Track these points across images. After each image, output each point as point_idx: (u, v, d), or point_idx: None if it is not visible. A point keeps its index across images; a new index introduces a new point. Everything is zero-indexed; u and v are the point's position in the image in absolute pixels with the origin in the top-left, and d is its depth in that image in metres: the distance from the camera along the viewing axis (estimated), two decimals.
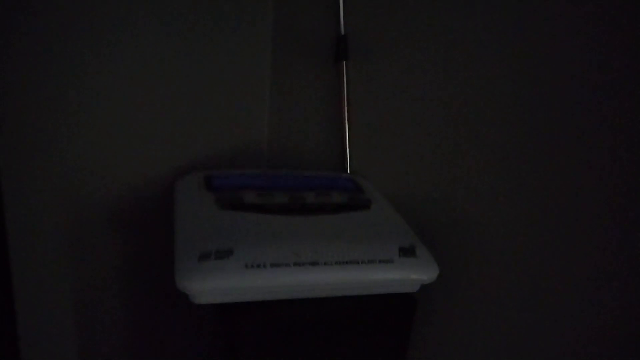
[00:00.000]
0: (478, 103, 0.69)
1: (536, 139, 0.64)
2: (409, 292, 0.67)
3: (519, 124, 0.65)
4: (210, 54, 0.86)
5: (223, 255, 0.58)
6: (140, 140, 0.83)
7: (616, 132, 0.57)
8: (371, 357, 0.68)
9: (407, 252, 0.64)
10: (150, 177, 0.85)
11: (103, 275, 0.85)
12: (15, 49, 0.70)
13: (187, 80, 0.85)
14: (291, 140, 0.95)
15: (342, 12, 0.82)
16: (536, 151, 0.64)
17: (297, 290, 0.61)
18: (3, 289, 0.69)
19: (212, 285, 0.56)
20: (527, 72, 0.63)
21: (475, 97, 0.70)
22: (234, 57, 0.89)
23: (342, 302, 0.64)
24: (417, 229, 0.71)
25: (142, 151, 0.84)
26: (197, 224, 0.65)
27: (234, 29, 0.87)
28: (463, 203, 0.73)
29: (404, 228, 0.70)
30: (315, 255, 0.60)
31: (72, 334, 0.85)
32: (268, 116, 0.95)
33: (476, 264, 0.73)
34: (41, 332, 0.81)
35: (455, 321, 0.76)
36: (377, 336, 0.67)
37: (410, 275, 0.63)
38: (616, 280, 0.60)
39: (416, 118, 0.78)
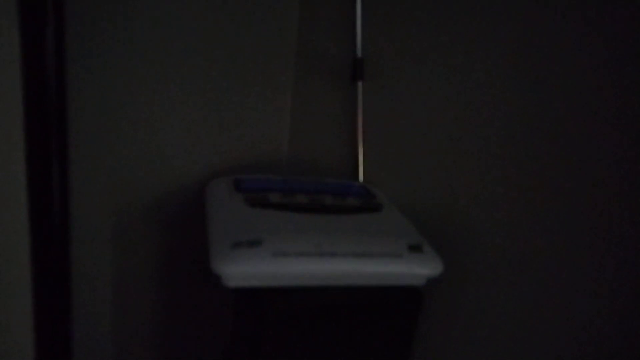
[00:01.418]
0: (482, 123, 0.77)
1: (541, 154, 0.71)
2: (416, 285, 0.74)
3: (524, 142, 0.72)
4: (238, 71, 0.95)
5: (254, 244, 0.66)
6: (172, 148, 0.92)
7: (617, 135, 0.63)
8: (381, 344, 0.75)
9: (415, 248, 0.72)
10: (182, 182, 0.94)
11: (141, 265, 0.94)
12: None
13: (217, 97, 0.94)
14: (309, 152, 1.04)
15: (359, 37, 0.91)
16: (540, 164, 0.71)
17: (318, 278, 0.68)
18: (63, 277, 0.77)
19: (243, 270, 0.64)
20: (535, 90, 0.71)
21: (479, 117, 0.78)
22: (259, 75, 0.98)
23: (356, 292, 0.72)
24: (424, 231, 0.78)
25: (173, 158, 0.93)
26: (229, 219, 0.73)
27: (260, 49, 0.97)
28: (466, 211, 0.81)
29: (411, 229, 0.78)
30: (335, 247, 0.68)
31: (110, 318, 0.94)
32: (289, 129, 1.04)
33: (478, 265, 0.80)
34: (87, 314, 0.89)
35: (458, 315, 0.83)
36: (387, 325, 0.74)
37: (417, 269, 0.71)
38: (617, 277, 0.66)
39: (423, 134, 0.86)
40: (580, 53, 0.66)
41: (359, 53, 0.91)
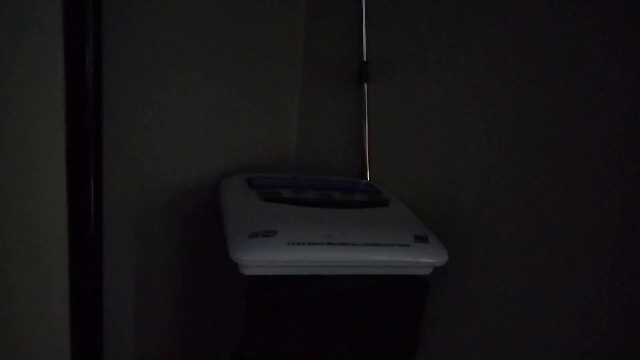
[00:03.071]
0: (484, 122, 0.81)
1: (541, 152, 0.74)
2: (422, 274, 0.77)
3: (524, 140, 0.76)
4: (249, 77, 1.00)
5: (269, 234, 0.70)
6: (190, 148, 0.97)
7: (616, 134, 0.67)
8: (389, 331, 0.78)
9: (421, 239, 0.76)
10: (199, 181, 0.98)
11: (160, 258, 0.98)
12: None
13: (231, 99, 0.99)
14: (317, 152, 1.08)
15: (365, 41, 0.95)
16: (539, 162, 0.75)
17: (329, 266, 0.72)
18: (96, 269, 0.82)
19: (260, 257, 0.68)
20: (536, 90, 0.74)
21: (481, 117, 0.81)
22: (269, 79, 1.03)
23: (366, 280, 0.75)
24: (429, 225, 0.81)
25: (191, 157, 0.97)
26: (244, 212, 0.77)
27: (269, 54, 1.01)
28: (469, 206, 0.84)
29: (417, 222, 0.82)
30: (345, 237, 0.72)
31: (134, 307, 0.99)
32: (297, 130, 1.08)
33: (480, 257, 0.83)
34: (115, 301, 0.94)
35: (463, 305, 0.86)
36: (395, 312, 0.78)
37: (423, 258, 0.74)
38: (616, 270, 0.70)
39: (427, 134, 0.90)
40: (583, 54, 0.69)
41: (365, 57, 0.96)
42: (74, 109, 0.75)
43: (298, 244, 0.69)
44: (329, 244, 0.70)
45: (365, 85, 0.96)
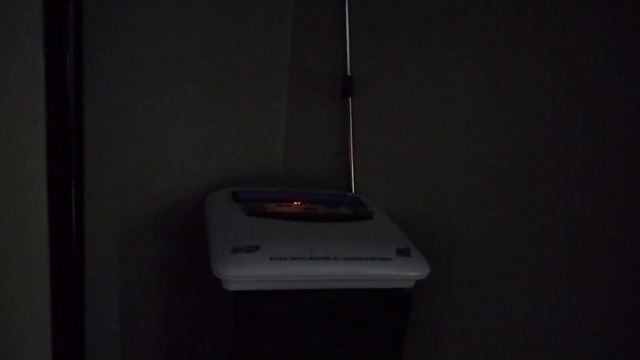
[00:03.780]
0: (466, 135, 0.82)
1: (522, 164, 0.75)
2: (405, 287, 0.78)
3: (506, 152, 0.77)
4: (234, 89, 1.01)
5: (251, 249, 0.70)
6: (174, 162, 0.98)
7: (603, 143, 0.67)
8: (372, 345, 0.79)
9: (403, 252, 0.77)
10: (182, 193, 0.99)
11: (145, 272, 0.99)
12: None
13: (217, 113, 1.00)
14: (304, 165, 1.09)
15: (349, 56, 0.97)
16: (521, 174, 0.75)
17: (311, 281, 0.72)
18: (77, 280, 0.82)
19: (242, 273, 0.68)
20: (516, 106, 0.75)
21: (464, 130, 0.82)
22: (255, 93, 1.04)
23: (348, 294, 0.76)
24: (414, 238, 0.82)
25: (176, 171, 0.98)
26: (228, 227, 0.77)
27: (255, 69, 1.03)
28: (453, 217, 0.85)
29: (400, 235, 0.82)
30: (327, 252, 0.72)
31: (118, 322, 0.99)
32: (283, 143, 1.09)
33: (465, 269, 0.84)
34: (96, 317, 0.94)
35: (446, 317, 0.87)
36: (378, 326, 0.78)
37: (405, 271, 0.75)
38: (600, 282, 0.71)
39: (411, 147, 0.91)
40: (573, 65, 0.69)
41: (349, 71, 0.97)
42: (55, 121, 0.75)
43: (280, 259, 0.70)
44: (311, 258, 0.71)
45: (350, 99, 0.98)
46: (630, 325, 0.66)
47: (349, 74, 0.97)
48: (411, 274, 0.75)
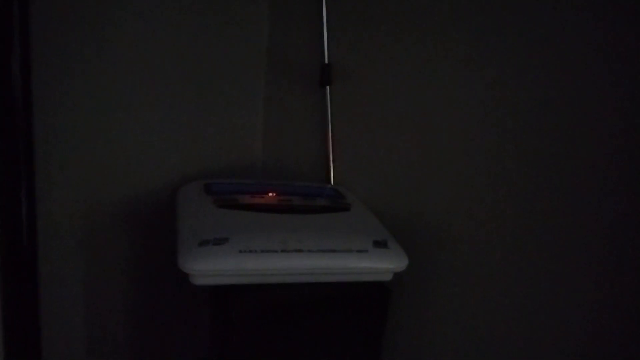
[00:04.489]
0: (448, 124, 0.80)
1: (506, 153, 0.73)
2: (383, 280, 0.75)
3: (490, 142, 0.75)
4: (210, 78, 0.98)
5: (220, 242, 0.67)
6: (145, 153, 0.94)
7: (587, 142, 0.65)
8: (351, 340, 0.76)
9: (380, 244, 0.74)
10: (154, 186, 0.96)
11: (112, 268, 0.95)
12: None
13: (189, 100, 0.96)
14: (283, 156, 1.06)
15: (327, 43, 0.94)
16: (505, 164, 0.73)
17: (284, 274, 0.69)
18: (30, 279, 0.78)
19: (210, 267, 0.65)
20: (502, 92, 0.73)
21: (446, 119, 0.80)
22: (231, 80, 1.00)
23: (324, 288, 0.73)
24: (394, 230, 0.80)
25: (147, 163, 0.95)
26: (197, 219, 0.74)
27: (231, 56, 0.99)
28: (435, 210, 0.83)
29: (378, 226, 0.80)
30: (300, 244, 0.69)
31: (82, 318, 0.95)
32: (262, 134, 1.06)
33: (446, 261, 0.82)
34: (57, 315, 0.90)
35: (427, 311, 0.85)
36: (356, 321, 0.76)
37: (382, 264, 0.72)
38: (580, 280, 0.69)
39: (391, 137, 0.88)
40: (566, 57, 0.67)
41: (327, 59, 0.94)
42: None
43: (250, 251, 0.67)
44: (283, 251, 0.68)
45: (328, 88, 0.95)
46: (618, 308, 0.64)
47: (327, 62, 0.94)
48: (388, 266, 0.73)
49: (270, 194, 0.84)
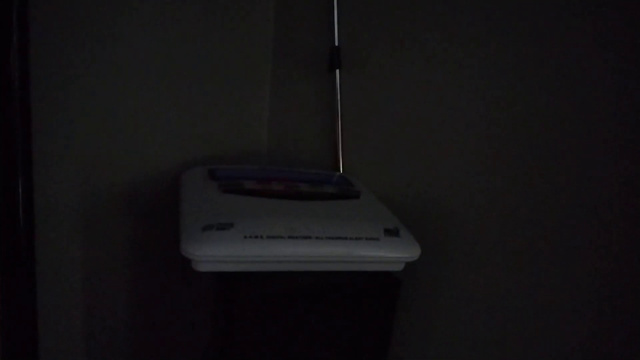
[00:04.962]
0: (460, 112, 0.77)
1: (517, 143, 0.70)
2: (394, 270, 0.72)
3: (501, 131, 0.72)
4: (216, 62, 0.95)
5: (224, 227, 0.64)
6: (149, 139, 0.91)
7: (604, 136, 0.62)
8: (360, 330, 0.73)
9: (391, 232, 0.70)
10: (157, 172, 0.93)
11: (113, 254, 0.92)
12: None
13: (194, 86, 0.93)
14: (288, 142, 1.03)
15: (336, 25, 0.90)
16: (516, 153, 0.70)
17: (291, 261, 0.66)
18: (28, 265, 0.75)
19: (213, 252, 0.62)
20: (514, 80, 0.70)
21: (458, 106, 0.77)
22: (238, 64, 0.97)
23: (332, 278, 0.70)
24: (404, 219, 0.77)
25: (151, 149, 0.92)
26: (201, 204, 0.71)
27: (237, 40, 0.96)
28: (446, 199, 0.80)
29: (389, 215, 0.76)
30: (308, 230, 0.66)
31: (83, 307, 0.92)
32: (267, 119, 1.03)
33: (457, 252, 0.79)
34: (56, 302, 0.87)
35: (437, 302, 0.82)
36: (364, 312, 0.72)
37: (393, 252, 0.69)
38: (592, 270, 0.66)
39: (402, 123, 0.85)
40: (578, 53, 0.65)
41: (337, 41, 0.91)
42: None
43: (256, 237, 0.64)
44: (290, 237, 0.65)
45: (337, 71, 0.91)
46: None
47: (336, 44, 0.90)
48: (400, 255, 0.70)
49: (276, 180, 0.80)
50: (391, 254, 0.69)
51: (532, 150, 0.68)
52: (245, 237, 0.63)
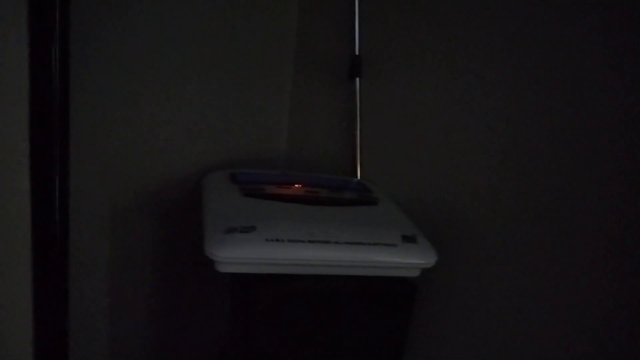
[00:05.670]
0: (478, 119, 0.78)
1: (536, 150, 0.71)
2: (410, 276, 0.73)
3: (519, 138, 0.73)
4: (238, 68, 0.97)
5: (247, 230, 0.66)
6: (171, 143, 0.94)
7: (616, 133, 0.64)
8: (375, 335, 0.74)
9: (409, 239, 0.72)
10: (178, 176, 0.95)
11: (139, 255, 0.95)
12: None
13: (217, 92, 0.96)
14: (307, 148, 1.04)
15: (357, 35, 0.92)
16: (535, 160, 0.72)
17: (310, 265, 0.68)
18: (61, 265, 0.78)
19: (236, 254, 0.64)
20: (533, 88, 0.71)
21: (476, 114, 0.78)
22: (258, 72, 1.00)
23: (350, 282, 0.72)
24: (422, 226, 0.78)
25: (172, 153, 0.94)
26: (224, 207, 0.73)
27: (259, 47, 0.98)
28: (464, 206, 0.81)
29: (407, 221, 0.78)
30: (328, 235, 0.68)
31: (107, 307, 0.96)
32: (287, 126, 1.05)
33: (474, 259, 0.80)
34: (83, 304, 0.90)
35: (453, 308, 0.83)
36: (380, 316, 0.74)
37: (410, 258, 0.70)
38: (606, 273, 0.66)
39: (420, 131, 0.87)
40: (581, 53, 0.66)
41: (357, 50, 0.92)
42: (38, 100, 0.70)
43: (277, 240, 0.66)
44: (310, 241, 0.67)
45: (358, 80, 0.93)
46: None
47: (357, 53, 0.92)
48: (417, 261, 0.71)
49: (296, 185, 0.82)
50: (408, 260, 0.71)
51: (559, 159, 0.69)
52: (266, 240, 0.65)
